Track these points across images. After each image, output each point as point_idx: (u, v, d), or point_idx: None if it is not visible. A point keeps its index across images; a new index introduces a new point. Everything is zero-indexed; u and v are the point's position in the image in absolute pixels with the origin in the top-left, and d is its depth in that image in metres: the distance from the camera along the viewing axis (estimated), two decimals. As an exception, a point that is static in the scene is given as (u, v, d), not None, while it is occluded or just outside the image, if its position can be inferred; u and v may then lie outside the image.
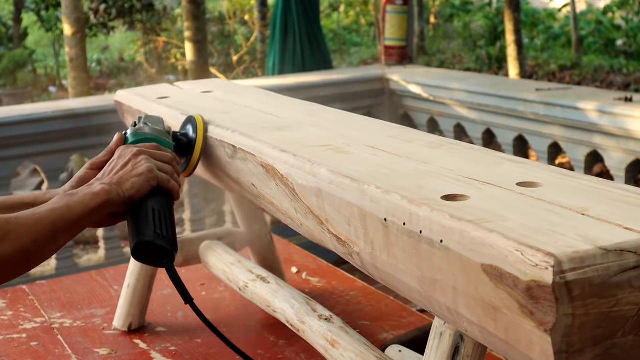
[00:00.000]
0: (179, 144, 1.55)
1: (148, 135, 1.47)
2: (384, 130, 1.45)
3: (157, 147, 1.41)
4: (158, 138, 1.47)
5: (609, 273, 0.82)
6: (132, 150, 1.36)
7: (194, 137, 1.55)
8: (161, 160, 1.38)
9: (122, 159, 1.35)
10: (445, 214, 0.96)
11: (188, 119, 1.60)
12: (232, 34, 10.52)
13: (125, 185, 1.31)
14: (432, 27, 14.70)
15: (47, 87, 12.41)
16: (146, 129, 1.48)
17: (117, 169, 1.34)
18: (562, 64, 9.83)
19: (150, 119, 1.53)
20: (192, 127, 1.57)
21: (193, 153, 1.55)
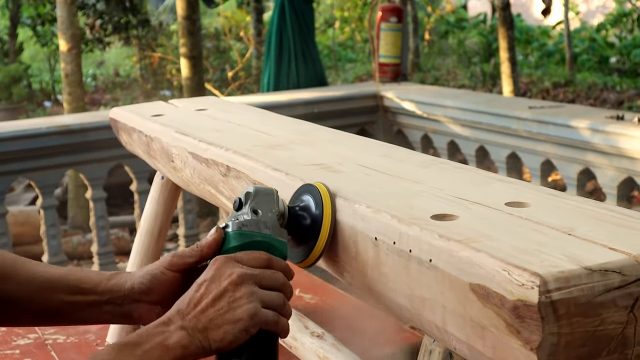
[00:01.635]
0: (297, 223, 1.15)
1: (257, 237, 1.04)
2: (377, 149, 1.47)
3: (268, 262, 1.01)
4: (271, 242, 1.05)
5: (594, 292, 0.83)
6: (232, 277, 0.97)
7: (318, 214, 1.14)
8: (271, 287, 1.00)
9: (217, 285, 0.97)
10: (434, 234, 0.98)
11: (306, 189, 1.20)
12: (228, 50, 10.56)
13: (214, 334, 0.95)
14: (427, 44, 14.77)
15: (42, 102, 12.43)
16: (254, 225, 1.05)
17: (206, 301, 0.96)
18: (555, 81, 9.88)
19: (260, 198, 1.08)
20: (314, 201, 1.16)
21: (318, 238, 1.14)
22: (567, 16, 10.30)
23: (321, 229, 1.13)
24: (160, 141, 1.77)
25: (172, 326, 0.95)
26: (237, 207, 1.08)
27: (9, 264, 1.10)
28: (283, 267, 1.03)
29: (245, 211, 1.07)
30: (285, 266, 1.04)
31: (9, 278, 1.08)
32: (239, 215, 1.06)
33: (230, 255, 1.00)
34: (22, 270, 1.09)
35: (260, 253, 1.02)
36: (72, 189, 6.39)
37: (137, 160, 3.83)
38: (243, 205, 1.07)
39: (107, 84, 13.51)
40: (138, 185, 4.11)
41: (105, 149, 3.98)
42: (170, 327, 0.95)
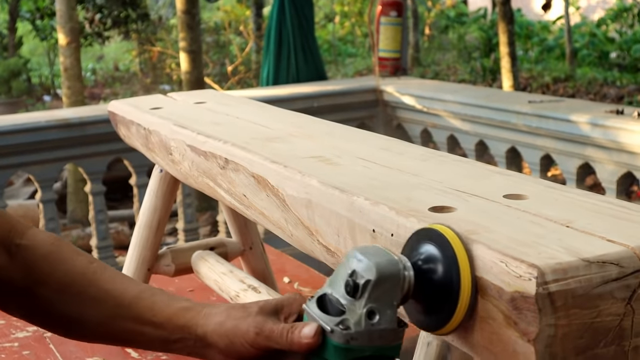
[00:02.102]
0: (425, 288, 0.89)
1: (366, 353, 0.85)
2: (375, 142, 1.47)
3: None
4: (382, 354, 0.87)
5: (591, 284, 0.83)
6: None
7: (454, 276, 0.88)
8: None
9: None
10: (432, 226, 0.98)
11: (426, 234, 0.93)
12: (227, 44, 10.55)
13: None
14: (427, 39, 14.76)
15: (41, 96, 12.42)
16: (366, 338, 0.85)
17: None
18: (555, 76, 9.88)
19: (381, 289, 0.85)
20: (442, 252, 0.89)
21: (458, 304, 0.88)
22: (568, 11, 10.29)
23: (460, 292, 0.87)
24: (159, 134, 1.77)
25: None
26: (350, 292, 0.85)
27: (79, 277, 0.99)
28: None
29: (359, 313, 0.84)
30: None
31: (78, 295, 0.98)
32: (347, 318, 0.85)
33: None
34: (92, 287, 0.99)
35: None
36: (71, 183, 6.39)
37: (136, 154, 3.82)
38: (357, 295, 0.85)
39: (107, 78, 13.50)
40: (137, 179, 4.11)
41: (104, 143, 3.97)
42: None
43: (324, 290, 0.88)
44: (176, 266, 2.02)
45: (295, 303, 0.93)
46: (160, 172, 2.00)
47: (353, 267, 0.86)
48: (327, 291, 0.88)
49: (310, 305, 0.88)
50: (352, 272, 0.86)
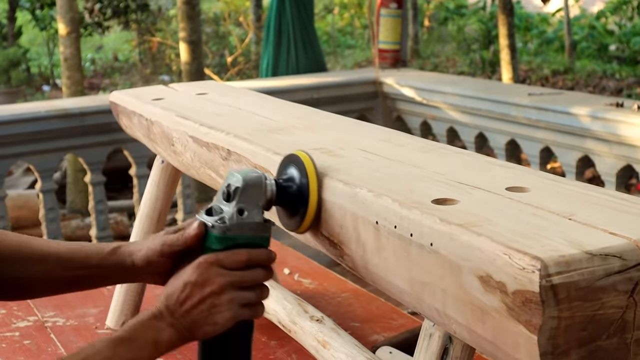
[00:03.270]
0: (286, 196, 1.20)
1: (239, 240, 1.11)
2: (377, 134, 1.47)
3: (248, 261, 1.10)
4: (253, 241, 1.12)
5: (594, 277, 0.84)
6: (213, 287, 1.07)
7: (305, 183, 1.19)
8: (250, 285, 1.10)
9: (200, 290, 1.08)
10: (435, 218, 0.98)
11: (290, 159, 1.24)
12: (227, 35, 10.54)
13: (197, 331, 1.09)
14: (426, 30, 14.74)
15: (40, 86, 12.40)
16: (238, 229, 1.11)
17: (191, 303, 1.08)
18: (555, 69, 9.87)
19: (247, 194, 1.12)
20: (299, 170, 1.21)
21: (307, 206, 1.20)
22: (567, 3, 10.27)
23: (309, 197, 1.19)
24: (161, 125, 1.77)
25: (163, 323, 1.08)
26: (225, 198, 1.12)
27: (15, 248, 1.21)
28: (263, 260, 1.12)
29: (231, 211, 1.11)
30: (265, 258, 1.13)
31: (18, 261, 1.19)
32: (224, 215, 1.11)
33: (213, 259, 1.09)
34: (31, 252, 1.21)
35: (241, 253, 1.10)
36: (70, 173, 6.38)
37: (136, 145, 3.82)
38: (230, 199, 1.11)
39: (106, 68, 13.47)
40: (137, 170, 4.11)
41: (104, 133, 3.97)
42: (161, 323, 1.08)
43: (211, 204, 1.14)
44: (177, 257, 2.02)
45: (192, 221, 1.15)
46: (162, 163, 2.00)
47: (228, 181, 1.13)
48: (213, 204, 1.14)
49: (201, 214, 1.14)
50: (228, 185, 1.13)
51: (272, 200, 1.16)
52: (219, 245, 1.11)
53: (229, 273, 1.09)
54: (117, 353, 1.05)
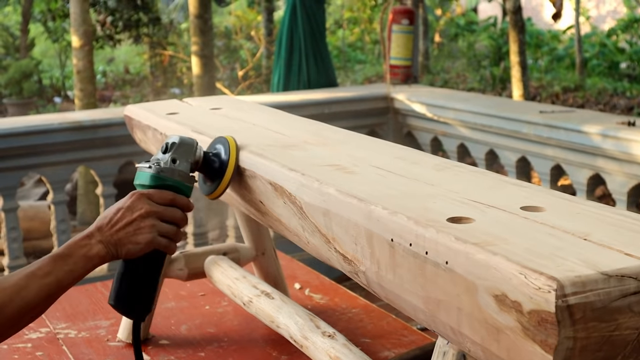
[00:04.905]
0: (209, 165, 1.49)
1: (168, 182, 1.41)
2: (391, 151, 1.48)
3: (172, 200, 1.38)
4: (179, 186, 1.42)
5: (610, 298, 0.84)
6: (141, 211, 1.34)
7: (226, 160, 1.49)
8: (170, 220, 1.37)
9: (129, 214, 1.34)
10: (450, 236, 0.99)
11: (219, 140, 1.53)
12: (238, 49, 10.58)
13: (122, 248, 1.32)
14: (437, 46, 14.77)
15: (52, 98, 12.47)
16: (169, 172, 1.41)
17: (120, 225, 1.32)
18: (565, 86, 9.87)
19: (181, 149, 1.44)
20: (224, 149, 1.50)
21: (223, 177, 1.49)
22: (578, 21, 10.29)
23: (226, 170, 1.48)
24: (175, 139, 1.78)
25: (93, 240, 1.31)
26: (163, 151, 1.43)
27: None
28: (184, 204, 1.40)
29: (166, 158, 1.42)
30: (185, 203, 1.40)
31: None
32: (160, 160, 1.42)
33: (145, 192, 1.37)
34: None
35: (168, 193, 1.39)
36: (82, 184, 6.41)
37: (147, 157, 3.85)
38: (166, 151, 1.42)
39: (117, 81, 13.54)
40: (148, 183, 4.13)
41: (116, 146, 4.00)
42: (92, 240, 1.31)
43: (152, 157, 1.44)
44: (189, 270, 2.03)
45: None
46: (175, 177, 2.01)
47: (168, 139, 1.45)
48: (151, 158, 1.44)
49: (141, 162, 1.44)
50: (166, 142, 1.44)
51: (198, 163, 1.46)
52: (151, 183, 1.40)
53: (155, 205, 1.36)
54: (56, 266, 1.25)
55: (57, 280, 1.25)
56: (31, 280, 1.23)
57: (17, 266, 3.92)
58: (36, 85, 11.81)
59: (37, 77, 12.21)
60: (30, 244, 5.44)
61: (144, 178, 1.41)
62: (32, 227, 5.67)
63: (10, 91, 11.48)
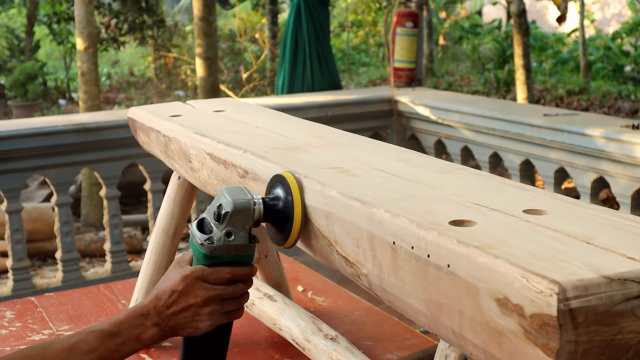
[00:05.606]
0: (273, 216, 1.30)
1: (225, 259, 1.24)
2: (394, 154, 1.48)
3: (230, 277, 1.23)
4: (237, 260, 1.25)
5: (613, 301, 0.84)
6: (197, 299, 1.21)
7: (289, 200, 1.29)
8: (230, 297, 1.24)
9: (185, 300, 1.21)
10: (452, 239, 0.99)
11: (277, 179, 1.34)
12: (242, 52, 10.59)
13: (180, 332, 1.23)
14: (441, 49, 14.77)
15: (56, 100, 12.50)
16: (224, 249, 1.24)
17: (176, 309, 1.21)
18: (570, 89, 9.86)
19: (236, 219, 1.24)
20: (284, 190, 1.31)
21: (293, 224, 1.29)
22: (582, 24, 10.28)
23: (294, 214, 1.29)
24: (179, 141, 1.79)
25: (149, 321, 1.20)
26: (216, 218, 1.24)
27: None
28: (244, 275, 1.25)
29: (220, 234, 1.23)
30: (246, 274, 1.25)
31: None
32: (212, 237, 1.24)
33: (199, 274, 1.22)
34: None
35: (224, 271, 1.23)
36: (85, 187, 6.42)
37: (151, 160, 3.85)
38: (220, 221, 1.23)
39: (122, 83, 13.57)
40: (152, 185, 4.14)
41: (120, 148, 4.00)
42: (147, 321, 1.20)
43: (203, 215, 1.27)
44: (192, 273, 2.03)
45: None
46: (179, 179, 2.01)
47: (220, 201, 1.24)
48: (204, 216, 1.26)
49: (193, 225, 1.26)
50: (219, 205, 1.23)
51: (259, 220, 1.28)
52: (205, 262, 1.24)
53: (212, 287, 1.22)
54: (103, 344, 1.16)
55: (100, 358, 1.16)
56: (73, 354, 1.15)
57: (21, 268, 3.92)
58: (41, 88, 11.83)
59: (42, 79, 12.23)
60: (34, 246, 5.45)
61: (197, 253, 1.25)
62: (36, 228, 5.68)
63: (15, 93, 11.50)
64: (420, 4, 5.41)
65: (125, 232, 5.47)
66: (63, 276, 4.02)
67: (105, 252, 4.20)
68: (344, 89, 7.93)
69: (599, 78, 10.67)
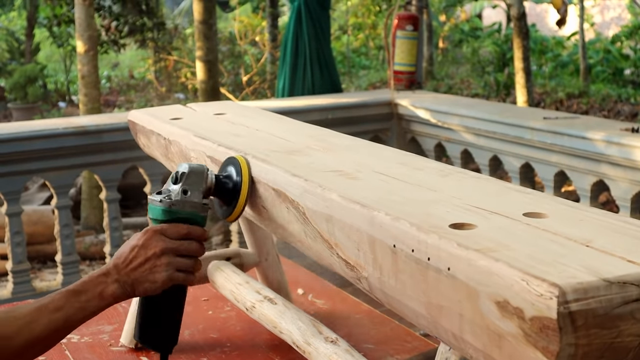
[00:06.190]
0: (222, 188, 1.45)
1: (181, 214, 1.36)
2: (394, 157, 1.48)
3: (187, 234, 1.34)
4: (192, 217, 1.37)
5: (612, 304, 0.84)
6: (156, 249, 1.30)
7: (238, 181, 1.45)
8: (186, 254, 1.33)
9: (144, 252, 1.30)
10: (453, 242, 0.99)
11: (230, 160, 1.49)
12: (242, 54, 10.60)
13: (138, 287, 1.30)
14: (441, 52, 14.78)
15: (56, 102, 12.50)
16: (181, 205, 1.36)
17: (135, 263, 1.29)
18: (569, 92, 9.87)
19: (191, 179, 1.39)
20: (235, 170, 1.46)
21: (238, 200, 1.45)
22: (582, 27, 10.29)
23: (241, 192, 1.44)
24: (179, 144, 1.79)
25: (109, 278, 1.28)
26: (173, 181, 1.38)
27: None
28: (199, 235, 1.36)
29: (177, 190, 1.37)
30: (200, 233, 1.36)
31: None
32: (171, 193, 1.37)
33: (158, 228, 1.33)
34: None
35: (182, 226, 1.34)
36: (85, 189, 6.42)
37: (151, 163, 3.85)
38: (177, 182, 1.37)
39: (122, 85, 13.58)
40: (152, 187, 4.14)
41: (120, 151, 4.00)
42: (108, 278, 1.28)
43: (161, 189, 1.39)
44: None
45: None
46: (179, 182, 2.01)
47: (177, 169, 1.39)
48: (163, 188, 1.39)
49: (152, 194, 1.38)
50: (177, 171, 1.39)
51: (210, 189, 1.42)
52: (164, 217, 1.35)
53: (170, 241, 1.32)
54: (68, 302, 1.23)
55: (66, 316, 1.23)
56: (41, 313, 1.21)
57: (21, 270, 3.92)
58: (41, 90, 11.83)
59: (42, 81, 12.24)
60: (33, 249, 5.45)
61: (156, 212, 1.37)
62: (36, 231, 5.68)
63: (15, 96, 11.50)
64: (420, 7, 5.42)
65: (125, 234, 5.46)
66: (63, 279, 4.02)
67: (105, 254, 4.20)
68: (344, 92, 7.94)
69: (598, 81, 10.69)
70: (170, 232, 1.33)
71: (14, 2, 15.24)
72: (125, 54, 13.09)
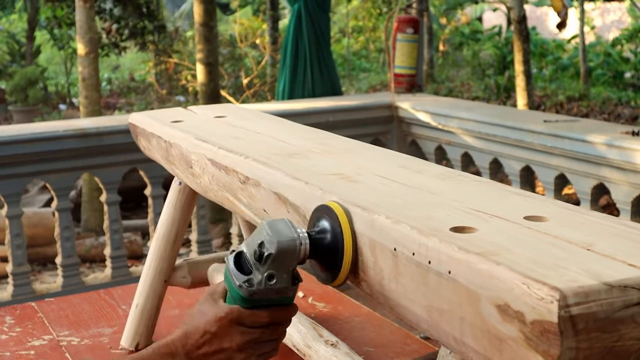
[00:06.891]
0: (318, 250, 1.16)
1: (263, 303, 1.13)
2: (394, 160, 1.48)
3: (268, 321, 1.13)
4: (276, 304, 1.14)
5: (613, 308, 0.84)
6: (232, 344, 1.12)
7: (338, 233, 1.16)
8: (267, 341, 1.15)
9: (218, 342, 1.13)
10: (453, 246, 0.99)
11: (321, 209, 1.20)
12: (243, 57, 10.60)
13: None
14: (441, 55, 14.79)
15: (57, 105, 12.50)
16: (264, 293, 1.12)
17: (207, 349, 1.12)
18: (570, 95, 9.87)
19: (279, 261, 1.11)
20: (330, 222, 1.17)
21: (342, 266, 1.16)
22: (583, 30, 10.29)
23: (344, 250, 1.15)
24: (180, 147, 1.79)
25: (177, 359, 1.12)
26: (257, 258, 1.11)
27: None
28: (282, 319, 1.16)
29: (260, 277, 1.11)
30: (284, 317, 1.16)
31: None
32: (252, 279, 1.11)
33: (235, 317, 1.12)
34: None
35: (262, 315, 1.13)
36: (86, 192, 6.42)
37: (151, 165, 3.85)
38: (261, 262, 1.10)
39: (122, 88, 13.58)
40: (152, 190, 4.14)
41: (120, 153, 4.00)
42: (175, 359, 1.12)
43: (241, 248, 1.13)
44: (192, 278, 2.03)
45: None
46: (179, 185, 2.01)
47: (262, 238, 1.10)
48: (243, 249, 1.13)
49: (230, 259, 1.13)
50: (261, 243, 1.10)
51: (304, 260, 1.15)
52: (242, 304, 1.13)
53: (249, 331, 1.12)
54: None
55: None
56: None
57: (21, 273, 3.92)
58: (41, 92, 11.84)
59: (43, 84, 12.24)
60: (34, 251, 5.44)
61: (233, 293, 1.14)
62: (36, 233, 5.68)
63: (15, 98, 11.51)
64: (421, 10, 5.42)
65: (125, 237, 5.46)
66: (63, 281, 4.02)
67: (106, 257, 4.20)
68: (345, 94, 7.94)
69: (599, 84, 10.69)
70: (249, 321, 1.13)
71: (15, 4, 15.26)
72: (126, 56, 13.08)
